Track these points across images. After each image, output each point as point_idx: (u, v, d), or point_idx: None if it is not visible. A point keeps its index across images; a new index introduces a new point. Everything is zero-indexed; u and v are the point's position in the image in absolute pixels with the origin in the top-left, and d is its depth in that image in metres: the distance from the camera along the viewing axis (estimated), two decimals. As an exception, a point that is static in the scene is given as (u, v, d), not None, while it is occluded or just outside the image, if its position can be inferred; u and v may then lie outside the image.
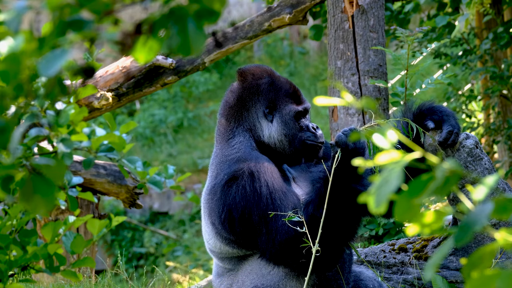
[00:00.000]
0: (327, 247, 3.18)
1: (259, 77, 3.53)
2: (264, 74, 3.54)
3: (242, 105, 3.51)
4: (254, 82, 3.52)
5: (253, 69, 3.57)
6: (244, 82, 3.53)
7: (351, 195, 3.13)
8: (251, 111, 3.50)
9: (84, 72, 1.55)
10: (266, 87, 3.51)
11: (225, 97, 3.58)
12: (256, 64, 3.65)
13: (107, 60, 13.54)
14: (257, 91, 3.51)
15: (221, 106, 3.59)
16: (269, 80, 3.52)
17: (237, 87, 3.55)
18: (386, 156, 1.46)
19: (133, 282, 4.77)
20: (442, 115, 3.51)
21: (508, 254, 3.57)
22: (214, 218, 3.38)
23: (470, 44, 7.77)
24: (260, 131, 3.49)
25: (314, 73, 15.34)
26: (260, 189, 3.23)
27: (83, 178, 3.94)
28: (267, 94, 3.50)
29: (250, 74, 3.55)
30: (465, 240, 1.36)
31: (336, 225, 3.16)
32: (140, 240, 12.56)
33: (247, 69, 3.57)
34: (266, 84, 3.51)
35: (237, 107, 3.51)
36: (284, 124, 3.47)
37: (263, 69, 3.57)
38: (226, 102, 3.56)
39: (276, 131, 3.48)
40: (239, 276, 3.45)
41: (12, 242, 2.20)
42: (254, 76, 3.53)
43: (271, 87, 3.51)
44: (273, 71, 3.58)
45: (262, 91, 3.50)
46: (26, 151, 1.84)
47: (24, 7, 1.50)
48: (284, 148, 3.47)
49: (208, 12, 1.43)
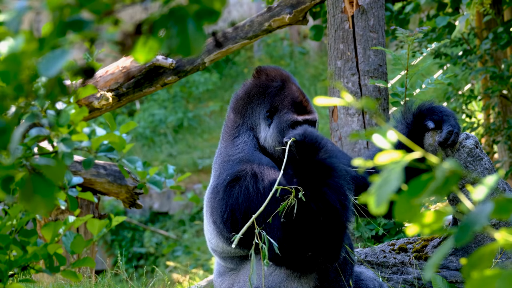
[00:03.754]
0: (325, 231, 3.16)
1: (271, 79, 3.52)
2: (278, 77, 3.52)
3: (249, 100, 3.52)
4: (265, 82, 3.52)
5: (270, 70, 3.56)
6: (257, 80, 3.54)
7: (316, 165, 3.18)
8: (255, 110, 3.51)
9: (84, 72, 1.55)
10: (274, 91, 3.49)
11: (237, 91, 3.61)
12: (276, 66, 3.63)
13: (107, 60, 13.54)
14: (264, 92, 3.50)
15: (231, 99, 3.61)
16: (280, 85, 3.50)
17: (250, 83, 3.57)
18: (386, 156, 1.46)
19: (133, 282, 4.77)
20: (442, 115, 3.51)
21: (508, 254, 3.57)
22: (216, 218, 3.38)
23: (470, 44, 7.77)
24: (259, 132, 3.49)
25: (314, 73, 15.35)
26: (263, 190, 3.23)
27: (83, 178, 3.94)
28: (272, 98, 3.48)
29: (264, 74, 3.55)
30: (465, 240, 1.36)
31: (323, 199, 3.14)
32: (140, 240, 12.56)
33: (264, 69, 3.57)
34: (275, 88, 3.50)
35: (244, 102, 3.53)
36: (279, 132, 3.45)
37: (279, 73, 3.55)
38: (236, 95, 3.59)
39: (271, 136, 3.46)
40: (241, 275, 3.46)
41: (12, 242, 2.20)
42: (267, 76, 3.53)
43: (279, 91, 3.49)
44: (289, 78, 3.54)
45: (269, 93, 3.49)
46: (26, 151, 1.84)
47: (24, 7, 1.50)
48: (276, 155, 3.46)
49: (208, 12, 1.43)
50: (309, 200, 3.12)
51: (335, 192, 3.14)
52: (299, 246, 3.18)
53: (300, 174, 3.19)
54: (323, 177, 3.15)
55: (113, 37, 1.45)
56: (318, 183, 3.15)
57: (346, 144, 5.05)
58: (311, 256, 3.20)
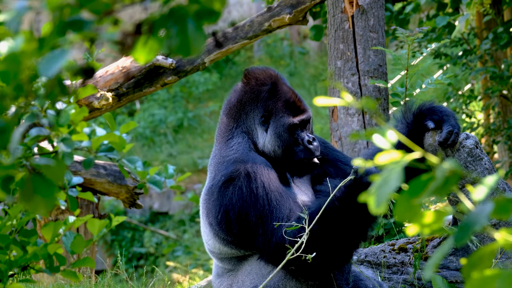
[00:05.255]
0: (326, 256, 3.19)
1: (261, 83, 3.49)
2: (268, 80, 3.49)
3: (241, 107, 3.49)
4: (256, 88, 3.48)
5: (258, 73, 3.52)
6: (247, 85, 3.50)
7: (355, 215, 3.14)
8: (249, 116, 3.48)
9: (84, 72, 1.55)
10: (265, 95, 3.47)
11: (229, 96, 3.58)
12: (264, 67, 3.59)
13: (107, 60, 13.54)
14: (256, 98, 3.48)
15: (223, 104, 3.59)
16: (271, 87, 3.47)
17: (240, 88, 3.53)
18: (386, 156, 1.46)
19: (133, 282, 4.77)
20: (442, 115, 3.51)
21: (508, 254, 3.57)
22: (212, 219, 3.38)
23: (470, 44, 7.77)
24: (256, 137, 3.47)
25: (314, 73, 15.34)
26: (257, 190, 3.23)
27: (83, 178, 3.94)
28: (265, 102, 3.46)
29: (253, 78, 3.51)
30: (465, 240, 1.36)
31: (337, 241, 3.16)
32: (140, 240, 12.56)
33: (252, 72, 3.53)
34: (266, 92, 3.47)
35: (237, 109, 3.50)
36: (277, 136, 3.43)
37: (268, 75, 3.51)
38: (228, 101, 3.56)
39: (270, 141, 3.45)
40: (239, 276, 3.46)
41: (12, 242, 2.20)
42: (257, 80, 3.50)
43: (270, 95, 3.46)
44: (278, 78, 3.51)
45: (261, 98, 3.47)
46: (26, 151, 1.84)
47: (24, 7, 1.50)
48: (278, 159, 3.45)
49: (208, 12, 1.43)
50: (338, 212, 3.13)
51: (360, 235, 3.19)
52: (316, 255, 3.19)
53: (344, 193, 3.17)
54: (362, 218, 3.15)
55: (113, 37, 1.45)
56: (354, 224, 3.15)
57: (346, 144, 5.05)
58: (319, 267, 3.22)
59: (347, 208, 3.11)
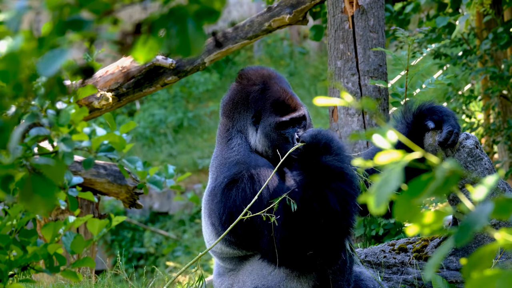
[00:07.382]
0: (324, 234, 3.17)
1: (252, 83, 3.51)
2: (259, 80, 3.51)
3: (234, 107, 3.53)
4: (247, 88, 3.51)
5: (251, 73, 3.55)
6: (239, 85, 3.54)
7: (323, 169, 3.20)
8: (242, 116, 3.51)
9: (83, 72, 1.55)
10: (255, 95, 3.49)
11: (224, 96, 3.61)
12: (258, 66, 3.62)
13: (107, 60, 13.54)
14: (247, 98, 3.50)
15: (220, 104, 3.64)
16: (261, 87, 3.49)
17: (233, 88, 3.57)
18: (386, 156, 1.45)
19: (133, 282, 4.77)
20: (442, 115, 3.51)
21: (508, 254, 3.57)
22: (215, 220, 3.40)
23: (470, 44, 7.77)
24: (248, 136, 3.50)
25: (314, 73, 15.34)
26: (261, 192, 3.25)
27: (83, 178, 3.94)
28: (255, 103, 3.48)
29: (246, 78, 3.54)
30: (465, 240, 1.36)
31: (324, 201, 3.14)
32: (140, 240, 12.56)
33: (245, 72, 3.57)
34: (256, 92, 3.49)
35: (231, 107, 3.54)
36: (265, 136, 3.45)
37: (260, 74, 3.54)
38: (223, 101, 3.61)
39: (259, 141, 3.47)
40: (240, 276, 3.47)
41: (12, 242, 2.20)
42: (249, 81, 3.53)
43: (260, 95, 3.48)
44: (270, 77, 3.52)
45: (251, 99, 3.49)
46: (26, 151, 1.84)
47: (24, 7, 1.50)
48: (270, 157, 3.46)
49: (208, 12, 1.43)
50: (310, 200, 3.13)
51: (336, 195, 3.14)
52: (298, 245, 3.19)
53: (304, 175, 3.20)
54: (327, 180, 3.16)
55: (112, 36, 1.45)
56: (320, 185, 3.15)
57: (346, 144, 5.05)
58: (310, 256, 3.21)
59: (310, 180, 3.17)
